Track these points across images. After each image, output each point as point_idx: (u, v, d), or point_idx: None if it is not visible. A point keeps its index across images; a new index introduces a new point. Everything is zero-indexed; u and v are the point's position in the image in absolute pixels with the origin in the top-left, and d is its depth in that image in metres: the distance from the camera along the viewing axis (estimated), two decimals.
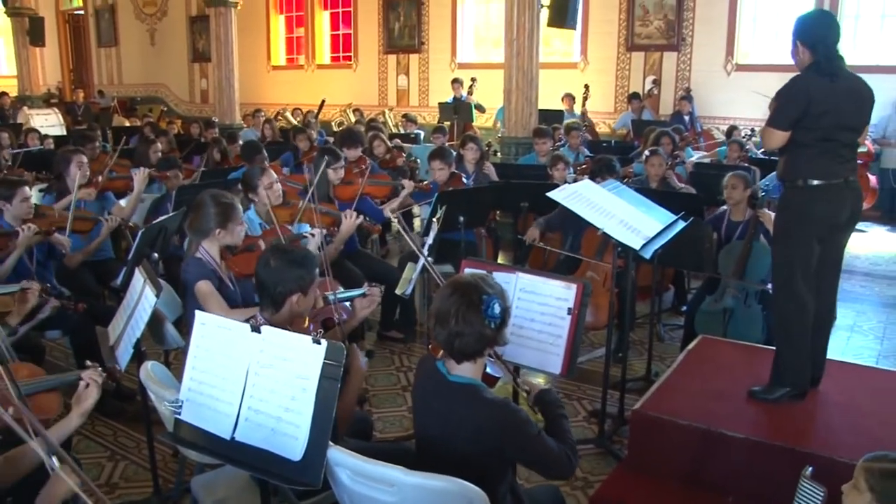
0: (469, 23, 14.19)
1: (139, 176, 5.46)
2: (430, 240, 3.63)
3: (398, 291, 3.73)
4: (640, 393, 4.16)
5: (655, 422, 3.36)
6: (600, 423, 4.09)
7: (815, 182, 3.38)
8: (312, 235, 4.17)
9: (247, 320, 2.33)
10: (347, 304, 3.31)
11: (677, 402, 3.51)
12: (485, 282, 2.27)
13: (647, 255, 3.40)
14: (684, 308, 5.79)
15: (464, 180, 6.02)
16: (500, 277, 3.04)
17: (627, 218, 3.67)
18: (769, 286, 4.46)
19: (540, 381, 2.68)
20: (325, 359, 2.06)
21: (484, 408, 2.19)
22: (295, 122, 13.09)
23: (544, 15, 8.48)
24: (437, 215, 4.09)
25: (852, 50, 10.61)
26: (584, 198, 3.59)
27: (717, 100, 11.38)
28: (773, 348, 3.62)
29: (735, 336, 4.72)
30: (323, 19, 16.28)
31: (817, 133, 3.33)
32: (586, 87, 11.64)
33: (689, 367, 3.94)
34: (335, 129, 12.73)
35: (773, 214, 4.91)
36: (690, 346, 4.26)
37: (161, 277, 5.27)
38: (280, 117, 14.09)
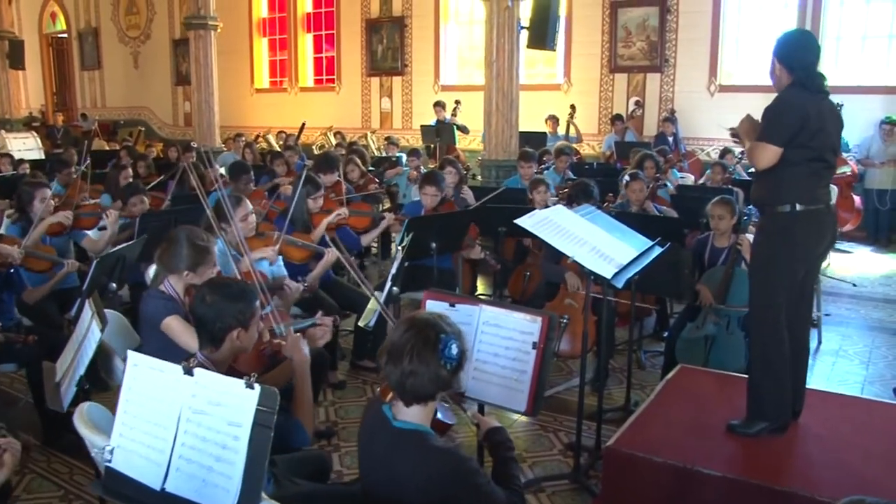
0: (452, 45, 14.15)
1: (111, 217, 5.28)
2: (393, 269, 3.48)
3: (361, 323, 3.58)
4: (618, 423, 4.00)
5: (629, 459, 3.21)
6: (575, 458, 3.93)
7: (801, 207, 3.25)
8: (289, 288, 4.02)
9: (187, 359, 2.18)
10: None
11: (653, 437, 3.36)
12: (443, 321, 2.13)
13: (620, 284, 3.26)
14: (666, 334, 5.65)
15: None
16: (463, 310, 2.93)
17: (600, 245, 3.53)
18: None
19: (493, 419, 2.51)
20: (258, 405, 1.91)
21: (431, 457, 2.04)
22: (276, 146, 12.96)
23: (525, 37, 8.41)
24: (404, 243, 3.94)
25: (834, 71, 10.59)
26: (555, 224, 3.45)
27: (701, 121, 11.32)
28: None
29: (717, 363, 4.58)
30: (306, 42, 16.23)
31: (808, 153, 3.22)
32: (572, 107, 11.58)
33: (667, 399, 3.80)
34: (316, 152, 12.61)
35: (750, 237, 4.81)
36: (669, 376, 4.12)
37: (126, 305, 5.16)
38: (261, 140, 13.97)
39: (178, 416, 2.05)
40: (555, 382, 5.22)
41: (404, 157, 10.90)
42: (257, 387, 1.92)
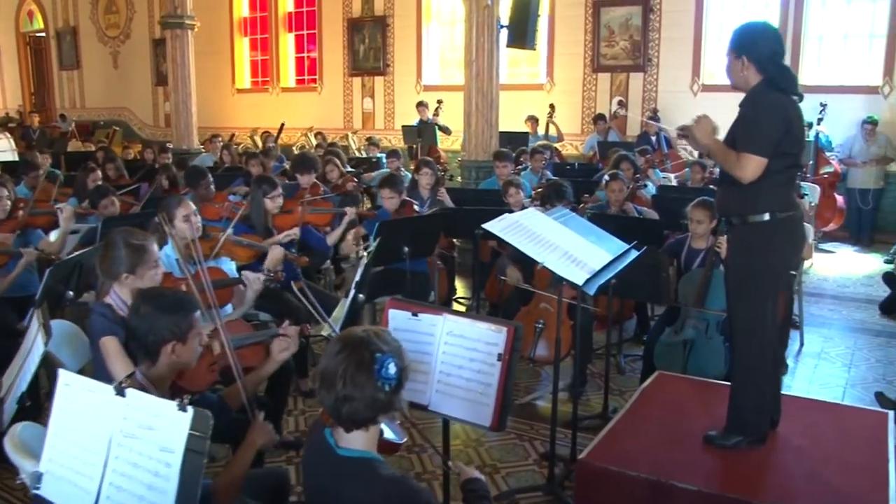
0: (434, 45, 14.01)
1: (65, 213, 5.11)
2: (357, 275, 3.34)
3: (324, 333, 3.43)
4: (595, 431, 3.88)
5: (602, 473, 3.09)
6: (550, 468, 3.81)
7: (782, 215, 3.09)
8: (248, 280, 3.84)
9: (127, 376, 2.04)
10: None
11: (627, 449, 3.24)
12: (379, 338, 1.98)
13: (591, 290, 3.13)
14: (646, 338, 5.54)
15: (416, 207, 5.74)
16: (426, 319, 2.79)
17: (573, 249, 3.40)
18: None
19: (473, 470, 2.36)
20: (190, 429, 1.77)
21: (380, 487, 1.90)
22: (260, 146, 12.77)
23: (505, 36, 8.29)
24: (370, 248, 3.80)
25: (816, 70, 10.55)
26: (525, 229, 3.32)
27: (684, 120, 11.03)
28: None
29: (696, 369, 4.47)
30: (288, 42, 16.04)
31: (790, 160, 3.08)
32: (551, 107, 11.46)
33: (643, 408, 3.68)
34: (296, 152, 12.44)
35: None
36: (646, 383, 4.01)
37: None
38: (241, 139, 13.77)
39: (108, 441, 1.91)
40: (531, 389, 5.10)
41: (384, 158, 10.77)
42: (190, 410, 1.79)
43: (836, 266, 8.79)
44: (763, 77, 3.07)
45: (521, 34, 7.96)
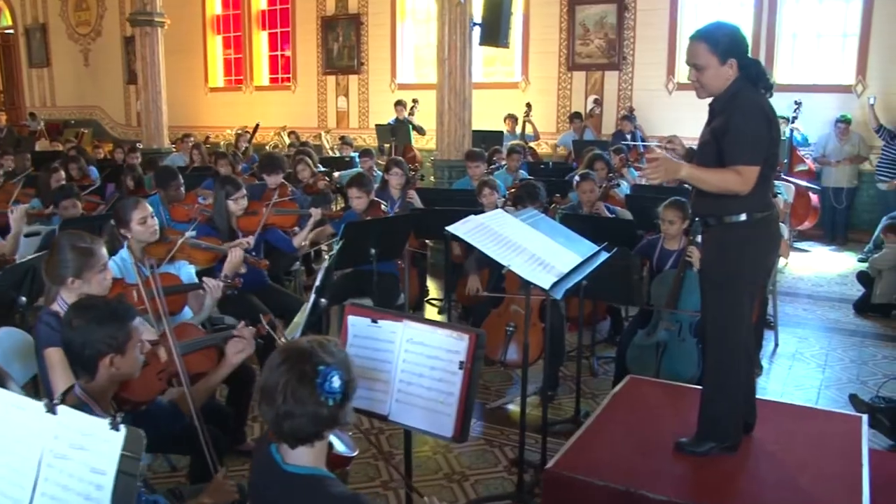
0: (409, 43, 13.89)
1: (15, 215, 4.94)
2: (318, 279, 3.22)
3: (281, 341, 3.30)
4: (567, 436, 3.80)
5: (570, 482, 3.00)
6: (519, 475, 3.71)
7: (759, 215, 3.03)
8: (209, 287, 3.69)
9: (65, 391, 1.92)
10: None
11: (596, 457, 3.15)
12: (323, 349, 1.86)
13: (559, 294, 3.04)
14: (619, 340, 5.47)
15: (383, 208, 5.63)
16: (385, 326, 2.69)
17: (541, 252, 3.31)
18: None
19: None
20: (122, 449, 1.65)
21: None
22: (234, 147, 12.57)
23: (478, 33, 8.19)
24: (333, 251, 3.68)
25: (790, 69, 10.55)
26: (491, 231, 3.22)
27: (660, 119, 11.18)
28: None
29: (669, 371, 4.40)
30: (261, 40, 15.85)
31: (770, 159, 3.01)
32: (528, 106, 11.38)
33: (614, 414, 3.60)
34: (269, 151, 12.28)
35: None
36: (617, 388, 3.93)
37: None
38: (212, 140, 13.56)
39: (38, 461, 1.78)
40: (503, 393, 5.01)
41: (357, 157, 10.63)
42: (122, 429, 1.67)
43: (811, 265, 8.79)
44: (740, 74, 3.00)
45: (494, 32, 7.87)
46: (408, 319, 2.64)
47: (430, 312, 6.85)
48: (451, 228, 3.09)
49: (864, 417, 3.54)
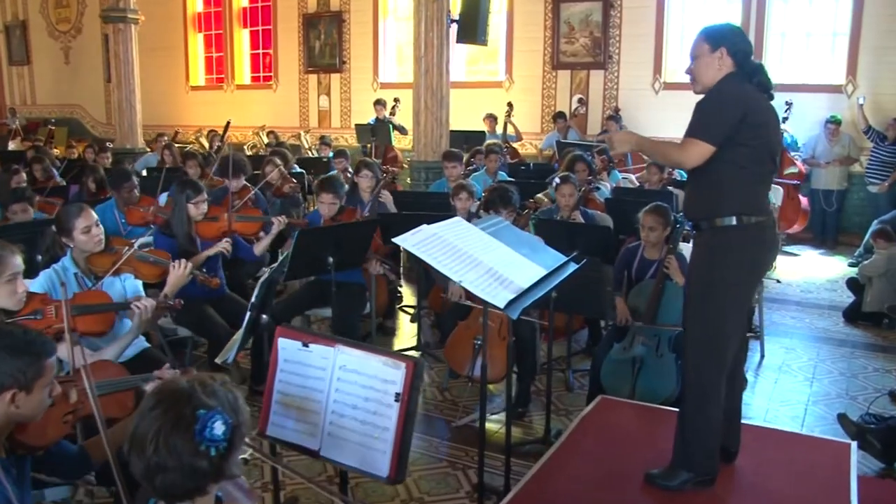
0: (391, 42, 13.59)
1: None
2: (254, 295, 2.92)
3: (218, 360, 3.02)
4: (536, 457, 3.52)
5: None
6: (479, 502, 3.42)
7: (750, 219, 2.81)
8: (139, 308, 3.34)
9: None
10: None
11: (559, 491, 2.87)
12: (205, 389, 1.57)
13: (514, 314, 2.74)
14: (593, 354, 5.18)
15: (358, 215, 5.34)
16: (317, 351, 2.40)
17: (499, 265, 3.01)
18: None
19: None
20: None
21: None
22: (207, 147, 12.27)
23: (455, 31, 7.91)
24: (280, 259, 3.39)
25: (780, 68, 10.28)
26: (444, 242, 2.93)
27: (646, 118, 10.92)
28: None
29: (646, 388, 4.13)
30: (243, 38, 15.52)
31: (751, 152, 2.78)
32: (509, 105, 11.09)
33: (582, 439, 3.33)
34: (249, 152, 11.97)
35: (686, 255, 4.36)
36: (587, 410, 3.65)
37: None
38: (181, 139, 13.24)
39: None
40: (471, 409, 4.71)
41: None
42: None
43: (800, 270, 8.53)
44: (736, 70, 2.86)
45: (472, 29, 7.59)
46: (341, 344, 2.35)
47: (402, 320, 6.56)
48: (398, 240, 2.79)
49: (854, 445, 3.27)
